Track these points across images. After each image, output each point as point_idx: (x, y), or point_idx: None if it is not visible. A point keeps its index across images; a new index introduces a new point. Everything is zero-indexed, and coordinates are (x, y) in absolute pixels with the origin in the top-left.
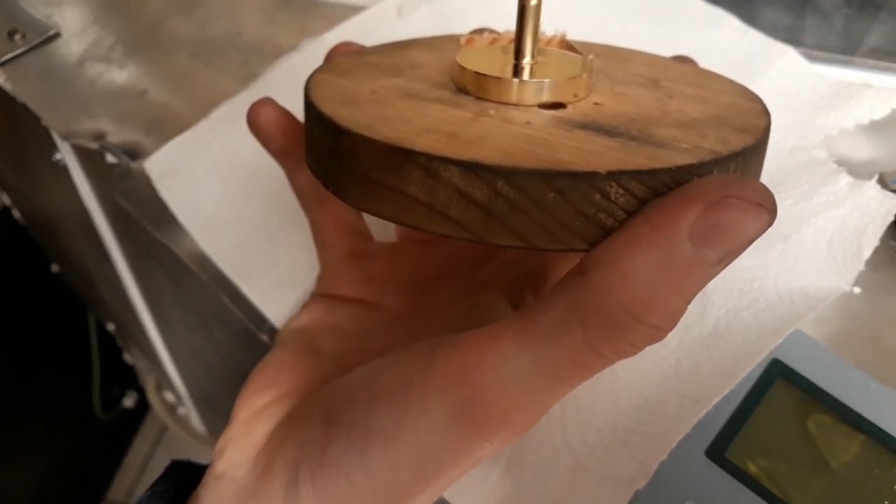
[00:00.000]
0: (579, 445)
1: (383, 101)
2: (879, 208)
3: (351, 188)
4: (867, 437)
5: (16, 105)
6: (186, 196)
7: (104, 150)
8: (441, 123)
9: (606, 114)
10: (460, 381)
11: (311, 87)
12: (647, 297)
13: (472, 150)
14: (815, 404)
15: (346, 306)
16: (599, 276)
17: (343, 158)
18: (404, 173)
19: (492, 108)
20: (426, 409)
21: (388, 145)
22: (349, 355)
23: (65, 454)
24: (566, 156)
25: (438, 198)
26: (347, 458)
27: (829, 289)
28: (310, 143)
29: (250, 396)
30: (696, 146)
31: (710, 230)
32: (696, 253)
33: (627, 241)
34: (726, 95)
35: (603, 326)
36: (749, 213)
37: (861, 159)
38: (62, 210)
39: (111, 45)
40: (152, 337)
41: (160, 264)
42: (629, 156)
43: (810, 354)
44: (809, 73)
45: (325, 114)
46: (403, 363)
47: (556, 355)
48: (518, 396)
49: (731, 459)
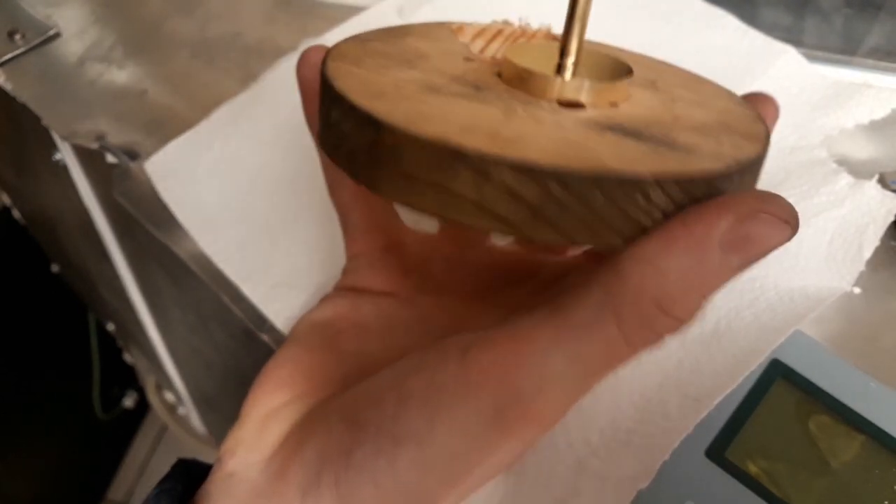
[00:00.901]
0: (581, 445)
1: (411, 96)
2: (880, 208)
3: (389, 184)
4: (867, 437)
5: (16, 105)
6: (187, 196)
7: (104, 150)
8: (477, 121)
9: (625, 116)
10: (497, 383)
11: (332, 76)
12: (676, 294)
13: (518, 150)
14: (815, 404)
15: (375, 300)
16: (636, 272)
17: (383, 154)
18: (454, 171)
19: (515, 102)
20: (460, 412)
21: (439, 144)
22: (371, 356)
23: (65, 454)
24: (610, 160)
25: (487, 196)
26: (375, 463)
27: (830, 289)
28: (335, 136)
29: (263, 395)
30: (718, 153)
31: (739, 240)
32: (723, 259)
33: (665, 241)
34: (720, 100)
35: (635, 317)
36: (776, 228)
37: (861, 159)
38: (62, 210)
39: (111, 45)
40: (152, 337)
41: (160, 264)
42: (665, 161)
43: (810, 354)
44: (809, 73)
45: (362, 108)
46: (434, 365)
47: (591, 349)
48: (554, 393)
49: (731, 459)
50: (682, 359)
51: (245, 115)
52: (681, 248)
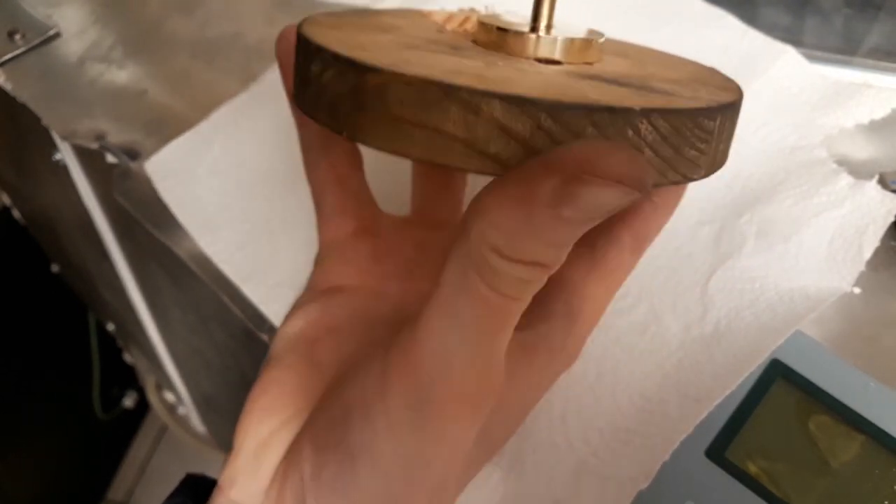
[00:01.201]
0: (581, 446)
1: (392, 50)
2: (880, 208)
3: (375, 130)
4: (867, 437)
5: (16, 105)
6: (187, 196)
7: (104, 150)
8: (461, 68)
9: (601, 70)
10: (409, 377)
11: (308, 33)
12: (511, 245)
13: (507, 88)
14: (815, 404)
15: (346, 300)
16: (474, 224)
17: (366, 98)
18: (442, 109)
19: (499, 60)
20: (391, 415)
21: (427, 80)
22: (349, 359)
23: (65, 454)
24: (595, 95)
25: (478, 134)
26: (341, 480)
27: (830, 289)
28: (313, 90)
29: (253, 424)
30: (696, 96)
31: (567, 197)
32: (556, 213)
33: (498, 194)
34: (690, 66)
35: (487, 269)
36: (605, 189)
37: (861, 159)
38: (62, 210)
39: (111, 45)
40: (152, 337)
41: (160, 264)
42: (648, 99)
43: (810, 355)
44: (809, 73)
45: (342, 54)
46: (363, 375)
47: (472, 311)
48: (461, 366)
49: (731, 459)
50: (683, 359)
51: (245, 115)
52: (509, 201)
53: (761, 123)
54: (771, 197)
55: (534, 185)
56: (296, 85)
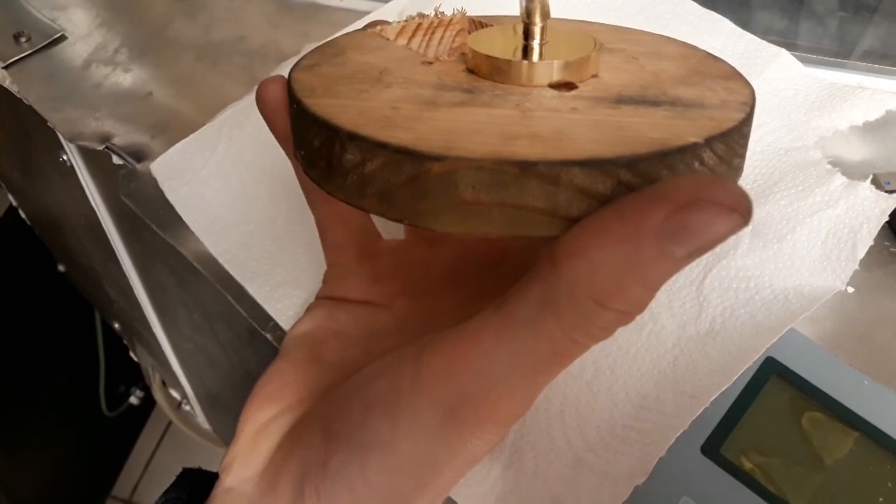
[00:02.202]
0: (579, 442)
1: (419, 117)
2: (874, 208)
3: (444, 215)
4: (861, 434)
5: (22, 107)
6: (192, 197)
7: (110, 152)
8: (507, 128)
9: (616, 85)
10: (447, 384)
11: (328, 115)
12: (611, 287)
13: (569, 148)
14: (809, 402)
15: (351, 309)
16: (569, 266)
17: (430, 186)
18: (519, 186)
19: (515, 97)
20: (417, 416)
21: (498, 160)
22: (352, 362)
23: (71, 451)
24: (652, 133)
25: (559, 201)
26: (348, 471)
27: (824, 288)
28: (354, 179)
29: (255, 411)
30: (723, 101)
31: (679, 230)
32: (663, 249)
33: (597, 232)
34: (664, 46)
35: (573, 314)
36: (720, 216)
37: (855, 160)
38: (68, 210)
39: (117, 47)
40: (158, 335)
41: (165, 264)
42: (695, 121)
43: (804, 353)
44: (804, 75)
45: (390, 143)
46: (391, 371)
47: (534, 346)
48: (503, 391)
49: (726, 456)
50: (679, 357)
51: (249, 118)
52: (612, 239)
53: (756, 125)
54: (766, 197)
55: (640, 220)
56: (326, 169)
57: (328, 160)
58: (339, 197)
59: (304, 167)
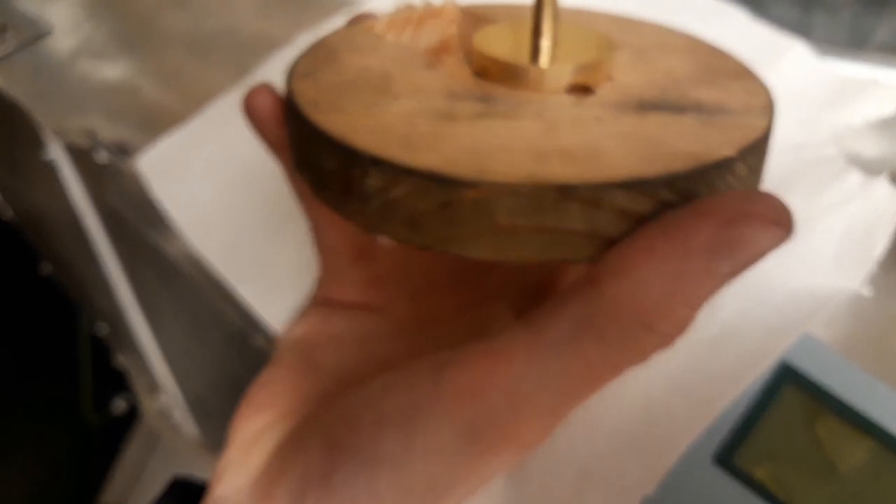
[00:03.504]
0: (585, 451)
1: (439, 134)
2: (890, 206)
3: (478, 242)
4: (876, 441)
5: (6, 103)
6: (180, 194)
7: (96, 148)
8: (535, 144)
9: (635, 89)
10: (471, 402)
11: (345, 136)
12: (658, 307)
13: (606, 166)
14: (823, 408)
15: (346, 313)
16: (613, 286)
17: (463, 213)
18: (559, 210)
19: (533, 105)
20: (436, 433)
21: (537, 185)
22: (348, 368)
23: (55, 459)
24: (685, 146)
25: (600, 224)
26: (355, 485)
27: (839, 289)
28: (375, 205)
29: (247, 418)
30: (745, 104)
31: (725, 245)
32: (709, 266)
33: (642, 250)
34: (668, 37)
35: (616, 335)
36: (765, 230)
37: (870, 157)
38: (53, 210)
39: (104, 41)
40: (145, 339)
41: (152, 266)
42: (724, 130)
43: (819, 358)
44: (817, 68)
45: (421, 168)
46: (408, 385)
47: (569, 368)
48: (531, 413)
49: (739, 465)
50: (688, 361)
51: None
52: (659, 256)
53: None
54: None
55: (687, 237)
56: (324, 186)
57: (345, 184)
58: (356, 222)
59: (313, 189)
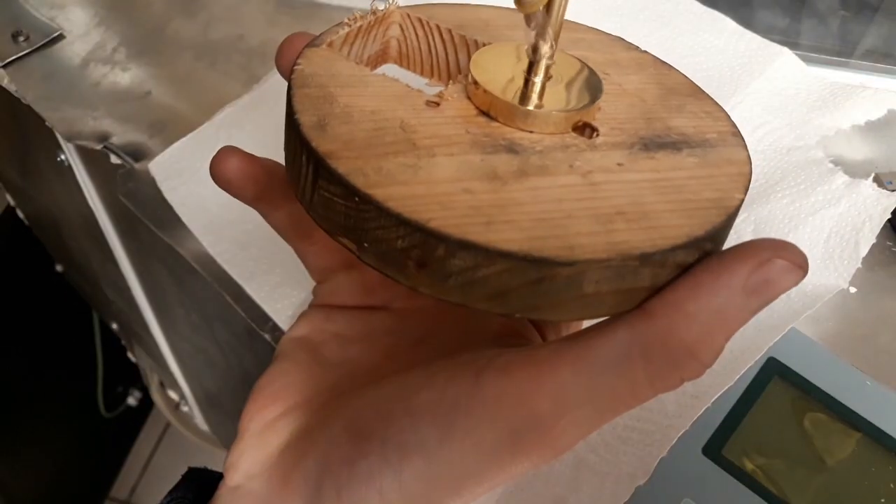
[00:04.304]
0: (581, 443)
1: (500, 202)
2: (875, 206)
3: (562, 308)
4: (863, 435)
5: (20, 106)
6: (190, 197)
7: (108, 151)
8: (588, 206)
9: (622, 121)
10: (516, 406)
11: (414, 213)
12: (703, 337)
13: (661, 227)
14: (811, 402)
15: (347, 313)
16: (665, 316)
17: (556, 287)
18: (636, 274)
19: (558, 154)
20: (474, 431)
21: (625, 256)
22: (356, 361)
23: (69, 452)
24: (707, 192)
25: (661, 278)
26: (381, 474)
27: (827, 286)
28: (456, 281)
29: (259, 410)
30: (718, 133)
31: (760, 284)
32: (745, 302)
33: (693, 287)
34: (614, 50)
35: (663, 361)
36: (791, 272)
37: (857, 159)
38: (66, 210)
39: (115, 46)
40: (156, 336)
41: (164, 264)
42: (722, 168)
43: (806, 353)
44: (806, 74)
45: (517, 252)
46: (446, 383)
47: (614, 386)
48: (572, 421)
49: (727, 457)
50: None
51: (248, 117)
52: (707, 292)
53: (758, 124)
54: (768, 196)
55: (730, 276)
56: (387, 262)
57: (420, 262)
58: (428, 293)
59: (373, 264)
